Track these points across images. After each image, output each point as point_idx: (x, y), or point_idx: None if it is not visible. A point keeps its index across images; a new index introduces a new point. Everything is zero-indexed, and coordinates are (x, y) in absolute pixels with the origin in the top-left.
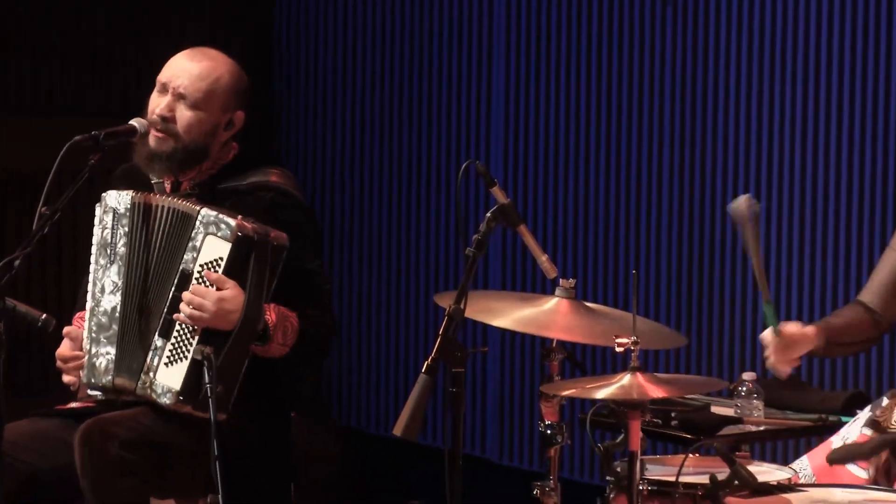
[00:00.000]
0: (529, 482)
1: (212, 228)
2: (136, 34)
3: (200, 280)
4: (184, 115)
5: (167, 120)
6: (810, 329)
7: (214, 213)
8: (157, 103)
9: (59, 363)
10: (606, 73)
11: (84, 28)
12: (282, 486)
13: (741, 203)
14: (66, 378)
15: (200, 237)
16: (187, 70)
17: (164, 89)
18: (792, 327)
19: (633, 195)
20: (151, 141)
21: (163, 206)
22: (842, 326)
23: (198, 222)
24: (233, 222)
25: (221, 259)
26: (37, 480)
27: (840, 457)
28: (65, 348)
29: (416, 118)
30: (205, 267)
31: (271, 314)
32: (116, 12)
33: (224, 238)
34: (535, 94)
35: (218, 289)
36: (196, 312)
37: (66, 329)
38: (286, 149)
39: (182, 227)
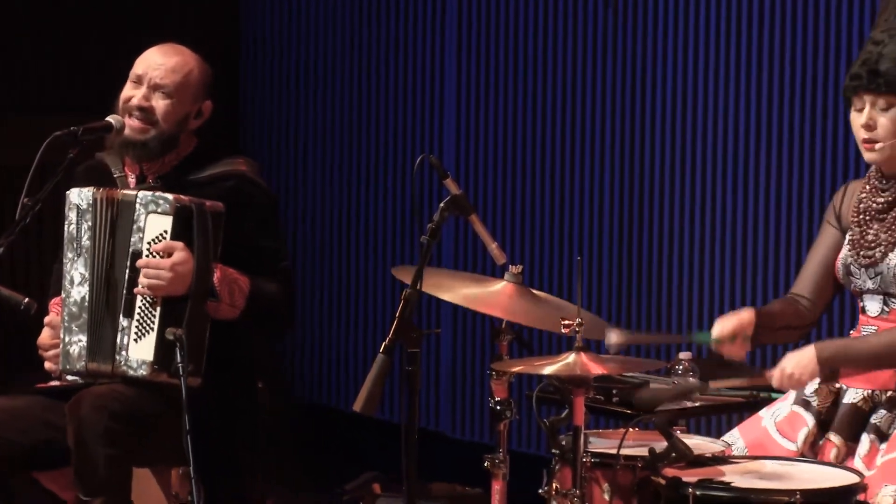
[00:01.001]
0: (480, 454)
1: (151, 207)
2: (106, 32)
3: (150, 255)
4: (160, 104)
5: (145, 109)
6: (745, 313)
7: (150, 193)
8: (133, 94)
9: (40, 351)
10: (552, 72)
11: (54, 27)
12: (249, 454)
13: (614, 338)
14: (47, 365)
15: (143, 217)
16: (162, 64)
17: (140, 81)
18: (726, 324)
19: (577, 187)
20: (128, 130)
21: (107, 197)
22: (776, 313)
23: (138, 204)
24: (170, 197)
25: (166, 231)
26: (16, 456)
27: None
28: (45, 337)
29: (375, 111)
30: (153, 242)
31: (216, 272)
32: (86, 12)
33: (164, 213)
34: (485, 93)
35: (168, 255)
36: (154, 281)
37: (47, 318)
38: (252, 138)
39: (126, 212)
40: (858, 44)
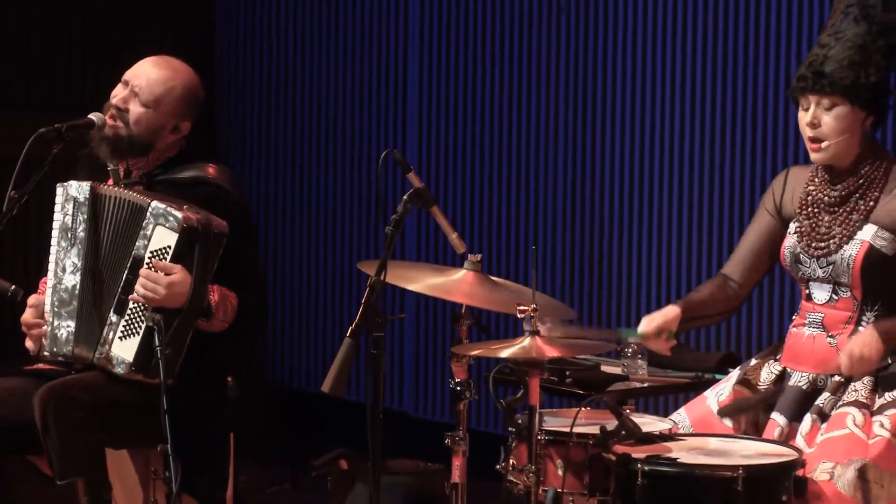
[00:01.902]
0: (442, 433)
1: (161, 220)
2: (86, 33)
3: (150, 265)
4: (135, 110)
5: (121, 110)
6: (671, 310)
7: (164, 205)
8: (117, 93)
9: (23, 328)
10: (508, 71)
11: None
12: (221, 436)
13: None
14: (27, 343)
15: (151, 227)
16: (147, 74)
17: (126, 84)
18: (652, 323)
19: (532, 180)
20: (106, 126)
21: (118, 197)
22: (700, 301)
23: (149, 213)
24: (180, 215)
25: (170, 247)
26: (11, 434)
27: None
28: (28, 315)
29: (342, 109)
30: (154, 254)
31: (215, 294)
32: (68, 13)
33: (172, 229)
34: (446, 91)
35: (167, 274)
36: (150, 294)
37: (30, 298)
38: (227, 138)
39: (135, 217)
40: (797, 40)
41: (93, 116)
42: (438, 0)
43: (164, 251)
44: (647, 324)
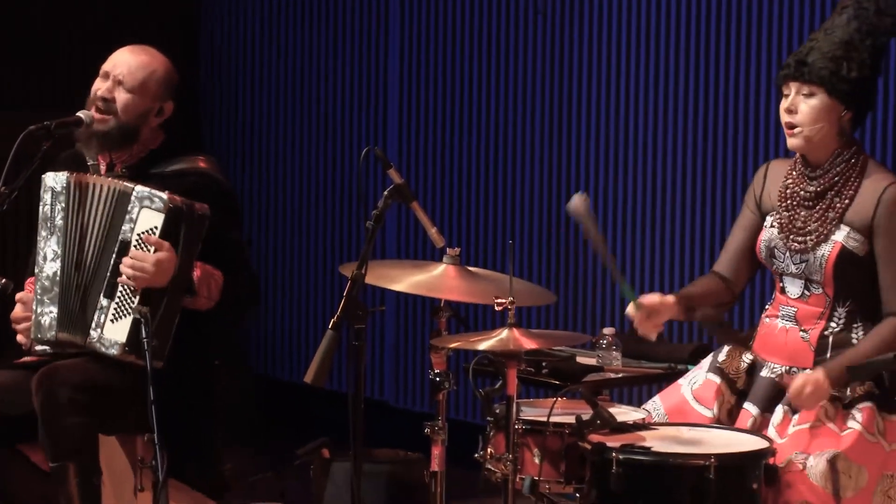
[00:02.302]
0: (421, 422)
1: (146, 202)
2: (72, 34)
3: (139, 246)
4: (122, 97)
5: (108, 101)
6: (669, 298)
7: (147, 189)
8: (99, 86)
9: (13, 325)
10: (486, 70)
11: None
12: (207, 424)
13: (577, 201)
14: (18, 338)
15: (136, 210)
16: (127, 61)
17: (107, 76)
18: (651, 298)
19: (510, 176)
20: (94, 121)
21: (98, 184)
22: (699, 294)
23: (133, 197)
24: (164, 196)
25: (156, 227)
26: (4, 426)
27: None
28: (18, 311)
29: (324, 109)
30: (142, 235)
31: (197, 271)
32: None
33: (157, 210)
34: (426, 90)
35: (155, 251)
36: (138, 273)
37: (18, 294)
38: (211, 134)
39: (120, 202)
40: (777, 39)
41: (81, 114)
42: (418, 5)
43: (150, 232)
44: (647, 299)
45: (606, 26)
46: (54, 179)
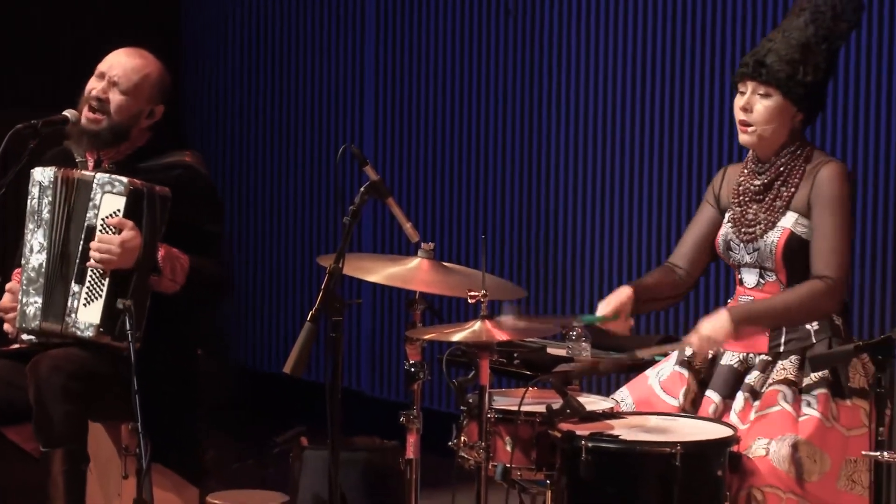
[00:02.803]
0: (397, 411)
1: (107, 187)
2: (56, 34)
3: (104, 230)
4: (116, 98)
5: (102, 101)
6: (625, 291)
7: (108, 175)
8: (94, 87)
9: (0, 314)
10: (459, 70)
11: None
12: (189, 414)
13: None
14: (5, 327)
15: (99, 196)
16: (122, 63)
17: (102, 76)
18: (609, 304)
19: (482, 172)
20: (84, 120)
21: (70, 177)
22: (652, 285)
23: (95, 185)
24: (125, 179)
25: (119, 210)
26: None
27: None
28: (5, 300)
29: (302, 108)
30: (106, 219)
31: (161, 250)
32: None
33: (119, 193)
34: (401, 89)
35: (119, 231)
36: (105, 256)
37: (8, 285)
38: (193, 132)
39: (84, 190)
40: (740, 45)
41: (67, 113)
42: (393, 6)
43: (113, 215)
44: (605, 307)
45: (575, 27)
46: (42, 174)
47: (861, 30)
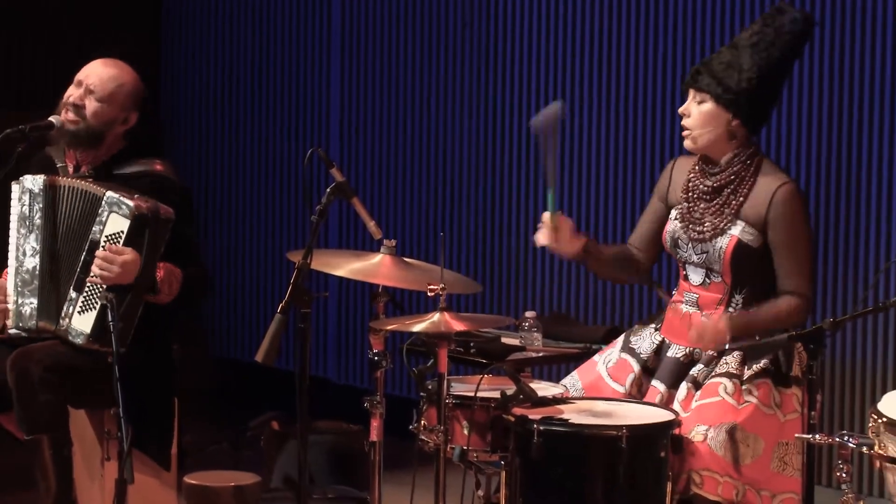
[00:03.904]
0: (361, 397)
1: (115, 208)
2: (40, 40)
3: (105, 247)
4: (91, 105)
5: (79, 107)
6: (581, 235)
7: (117, 195)
8: (72, 93)
9: None
10: (420, 77)
11: None
12: (167, 399)
13: (551, 109)
14: None
15: (106, 214)
16: (99, 73)
17: (80, 85)
18: (567, 221)
19: (441, 174)
20: (65, 121)
21: (74, 188)
22: (609, 251)
23: (104, 202)
24: (131, 203)
25: (122, 232)
26: None
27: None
28: None
29: (273, 113)
30: (109, 238)
31: (161, 271)
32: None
33: (124, 216)
34: (364, 96)
35: (119, 255)
36: (105, 273)
37: None
38: (170, 136)
39: (92, 205)
40: (681, 51)
41: (52, 119)
42: (357, 13)
43: (117, 235)
44: (562, 216)
45: (527, 36)
46: (32, 182)
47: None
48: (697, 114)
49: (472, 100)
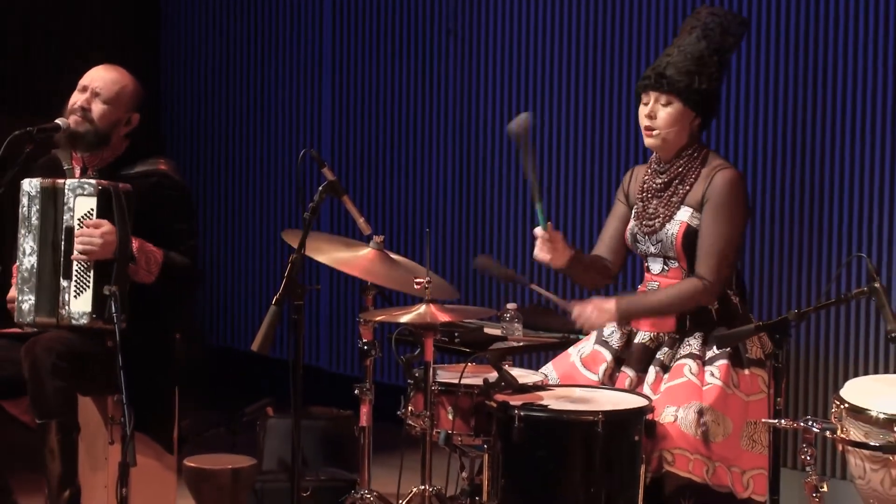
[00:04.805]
0: (351, 384)
1: (78, 190)
2: (45, 49)
3: (83, 224)
4: (98, 107)
5: (86, 110)
6: (570, 247)
7: (77, 180)
8: (78, 98)
9: (8, 304)
10: (406, 84)
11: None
12: (168, 386)
13: (520, 120)
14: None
15: (72, 199)
16: (102, 76)
17: (85, 89)
18: (557, 233)
19: (426, 174)
20: (72, 124)
21: (47, 186)
22: (588, 258)
23: (67, 190)
24: (93, 181)
25: (92, 210)
26: None
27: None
28: (13, 293)
29: (269, 116)
30: (82, 219)
31: (135, 243)
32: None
33: (89, 195)
34: (354, 100)
35: (96, 228)
36: (88, 247)
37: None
38: (170, 135)
39: (58, 196)
40: (636, 60)
41: (59, 121)
42: (347, 24)
43: (89, 213)
44: (552, 230)
45: (508, 43)
46: (30, 185)
47: (759, 43)
48: (665, 115)
49: (455, 104)
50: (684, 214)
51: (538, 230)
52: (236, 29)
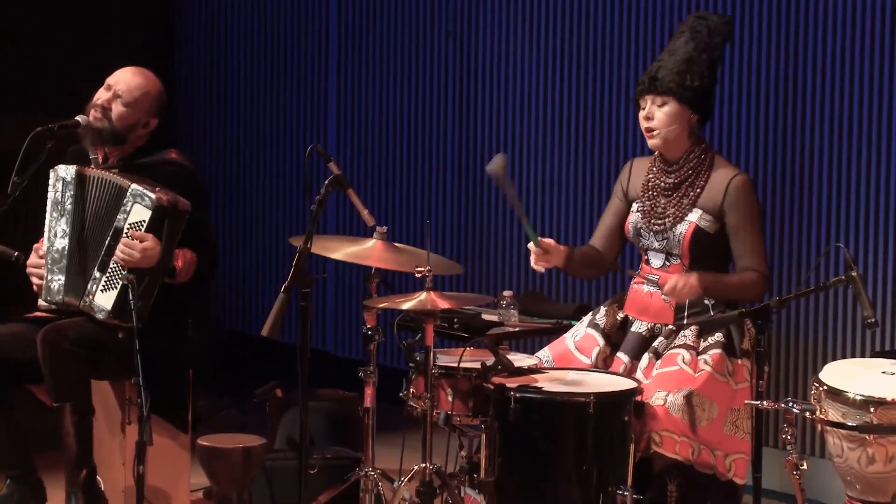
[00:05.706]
0: (356, 368)
1: (138, 199)
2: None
3: (128, 234)
4: (118, 108)
5: (106, 109)
6: (562, 246)
7: (141, 187)
8: (101, 96)
9: (28, 269)
10: (407, 81)
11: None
12: (182, 369)
13: (497, 161)
14: (33, 280)
15: (130, 204)
16: (127, 80)
17: (109, 88)
18: (549, 241)
19: (427, 167)
20: (91, 120)
21: (100, 177)
22: (582, 252)
23: (129, 193)
24: (153, 196)
25: (144, 221)
26: (17, 368)
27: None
28: (33, 258)
29: (278, 113)
30: (132, 225)
31: (179, 261)
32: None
33: (147, 206)
34: (359, 97)
35: (141, 241)
36: (127, 257)
37: (35, 245)
38: (184, 131)
39: (118, 196)
40: (634, 62)
41: (79, 118)
42: (352, 28)
43: (139, 223)
44: (545, 240)
45: (505, 43)
46: (65, 171)
47: (742, 44)
48: (662, 115)
49: (455, 100)
50: (694, 216)
51: (530, 246)
52: (247, 32)
